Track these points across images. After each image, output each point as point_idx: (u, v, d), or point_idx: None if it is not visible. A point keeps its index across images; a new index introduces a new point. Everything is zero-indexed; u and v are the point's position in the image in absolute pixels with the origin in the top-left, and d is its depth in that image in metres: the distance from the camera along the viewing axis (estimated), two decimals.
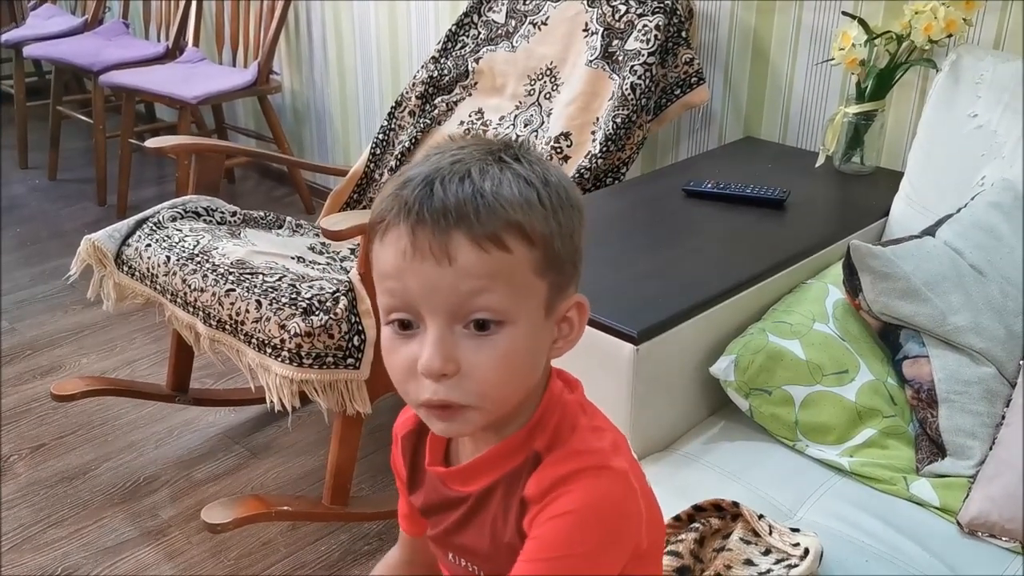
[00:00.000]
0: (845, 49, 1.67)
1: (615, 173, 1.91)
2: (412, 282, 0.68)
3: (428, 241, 0.67)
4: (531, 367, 0.73)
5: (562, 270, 0.72)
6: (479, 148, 0.72)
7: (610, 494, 0.72)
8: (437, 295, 0.68)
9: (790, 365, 1.29)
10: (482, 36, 2.20)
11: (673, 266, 1.43)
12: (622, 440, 0.78)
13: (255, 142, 3.48)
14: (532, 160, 0.72)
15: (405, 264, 0.68)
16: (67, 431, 2.10)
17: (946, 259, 1.34)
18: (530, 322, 0.70)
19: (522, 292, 0.69)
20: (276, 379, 1.54)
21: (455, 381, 0.69)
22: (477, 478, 0.77)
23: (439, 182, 0.68)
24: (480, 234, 0.66)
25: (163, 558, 1.73)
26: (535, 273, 0.69)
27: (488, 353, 0.69)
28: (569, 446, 0.74)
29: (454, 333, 0.69)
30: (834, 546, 1.09)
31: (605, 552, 0.71)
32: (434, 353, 0.68)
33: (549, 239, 0.69)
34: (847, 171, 1.78)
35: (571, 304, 0.74)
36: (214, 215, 1.96)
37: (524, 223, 0.68)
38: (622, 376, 1.24)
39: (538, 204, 0.69)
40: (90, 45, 3.42)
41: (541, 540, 0.71)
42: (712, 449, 1.30)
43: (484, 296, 0.67)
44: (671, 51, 1.93)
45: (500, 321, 0.69)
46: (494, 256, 0.67)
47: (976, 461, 1.21)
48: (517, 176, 0.69)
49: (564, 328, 0.75)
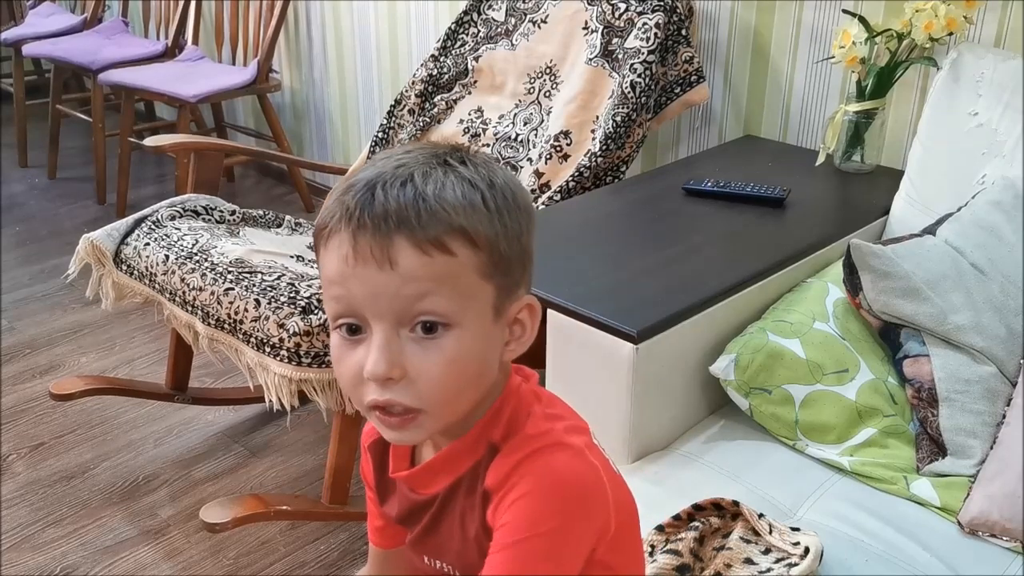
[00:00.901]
0: (845, 47, 1.67)
1: (615, 172, 1.91)
2: (356, 287, 0.68)
3: (369, 246, 0.66)
4: (480, 370, 0.72)
5: (509, 272, 0.71)
6: (424, 152, 0.71)
7: (568, 468, 0.72)
8: (381, 300, 0.68)
9: (790, 364, 1.29)
10: (482, 34, 2.20)
11: (673, 265, 1.43)
12: (583, 426, 0.78)
13: (254, 140, 3.47)
14: (478, 163, 0.71)
15: (348, 270, 0.68)
16: (66, 430, 2.10)
17: (947, 258, 1.34)
18: (477, 325, 0.70)
19: (467, 295, 0.69)
20: (275, 378, 1.54)
21: (402, 385, 0.69)
22: (438, 478, 0.77)
23: (380, 187, 0.68)
24: (422, 238, 0.66)
25: (162, 557, 1.73)
26: (481, 276, 0.69)
27: (435, 357, 0.68)
28: (522, 432, 0.74)
29: (400, 337, 0.68)
30: (834, 545, 1.09)
31: (573, 525, 0.71)
32: (379, 358, 0.68)
33: (494, 242, 0.69)
34: (847, 170, 1.77)
35: (521, 306, 0.74)
36: (213, 214, 1.95)
37: (467, 226, 0.67)
38: (622, 375, 1.24)
39: (482, 207, 0.69)
40: (89, 43, 3.42)
41: (507, 526, 0.71)
42: (712, 448, 1.30)
43: (428, 300, 0.67)
44: (671, 49, 1.93)
45: (446, 324, 0.68)
46: (437, 260, 0.67)
47: (977, 460, 1.21)
48: (461, 179, 0.69)
49: (516, 330, 0.75)
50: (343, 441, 1.66)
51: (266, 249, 1.79)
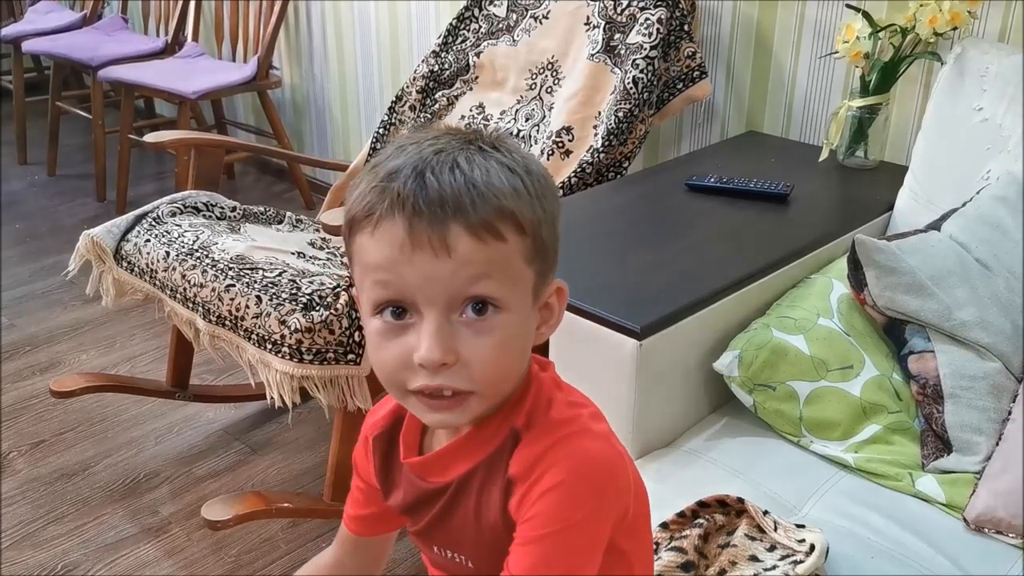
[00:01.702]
0: (849, 42, 1.66)
1: (617, 168, 1.90)
2: (409, 274, 0.67)
3: (427, 233, 0.66)
4: (523, 352, 0.74)
5: (546, 257, 0.73)
6: (455, 137, 0.71)
7: (597, 455, 0.73)
8: (435, 285, 0.67)
9: (794, 361, 1.28)
10: (483, 30, 2.19)
11: (676, 261, 1.42)
12: (601, 415, 0.78)
13: (255, 137, 3.47)
14: (510, 148, 0.72)
15: (401, 256, 0.67)
16: (67, 427, 2.09)
17: (951, 253, 1.33)
18: (521, 308, 0.71)
19: (515, 280, 0.70)
20: (276, 375, 1.53)
21: (455, 369, 0.69)
22: (455, 465, 0.77)
23: (430, 172, 0.67)
24: (476, 224, 0.66)
25: (163, 555, 1.73)
26: (525, 261, 0.70)
27: (485, 340, 0.69)
28: (547, 419, 0.74)
29: (451, 323, 0.68)
30: (839, 542, 1.08)
31: (600, 512, 0.71)
32: (433, 344, 0.67)
33: (537, 227, 0.70)
34: (851, 165, 1.77)
35: (552, 290, 0.75)
36: (214, 210, 1.95)
37: (516, 211, 0.68)
38: (625, 371, 1.23)
39: (525, 192, 0.69)
40: (89, 40, 3.41)
41: (536, 518, 0.70)
42: (716, 445, 1.29)
43: (481, 284, 0.68)
44: (673, 45, 1.92)
45: (497, 307, 0.69)
46: (491, 245, 0.67)
47: (982, 457, 1.20)
48: (502, 165, 0.69)
49: (545, 314, 0.76)
50: (345, 438, 1.65)
51: (267, 246, 1.79)
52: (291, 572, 1.68)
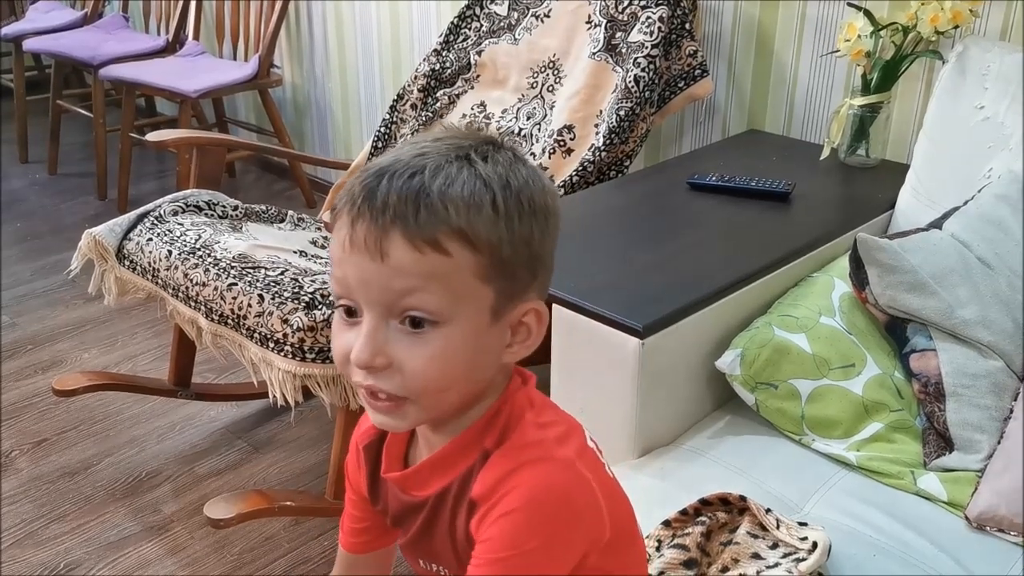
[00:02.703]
0: (851, 41, 1.66)
1: (619, 166, 1.90)
2: (350, 272, 0.68)
3: (364, 235, 0.66)
4: (468, 369, 0.71)
5: (513, 277, 0.70)
6: (451, 143, 0.70)
7: (555, 484, 0.71)
8: (370, 289, 0.68)
9: (796, 359, 1.29)
10: (484, 28, 2.19)
11: (678, 260, 1.42)
12: (576, 430, 0.77)
13: (256, 136, 3.47)
14: (500, 160, 0.69)
15: (345, 255, 0.68)
16: (68, 426, 2.10)
17: (953, 252, 1.33)
18: (469, 325, 0.69)
19: (460, 295, 0.68)
20: (279, 374, 1.54)
21: (387, 373, 0.69)
22: (432, 480, 0.76)
23: (388, 176, 0.67)
24: (416, 235, 0.66)
25: (166, 553, 1.73)
26: (479, 279, 0.68)
27: (419, 351, 0.68)
28: (511, 442, 0.73)
29: (388, 327, 0.68)
30: (841, 540, 1.08)
31: (557, 543, 0.70)
32: (364, 345, 0.68)
33: (496, 245, 0.68)
34: (852, 164, 1.77)
35: (526, 310, 0.72)
36: (216, 209, 1.95)
37: (466, 228, 0.66)
38: (627, 370, 1.23)
39: (489, 209, 0.67)
40: (90, 39, 3.41)
41: (490, 542, 0.70)
42: (718, 443, 1.29)
43: (416, 295, 0.67)
44: (675, 43, 1.92)
45: (434, 321, 0.68)
46: (429, 257, 0.66)
47: (984, 455, 1.21)
48: (476, 176, 0.67)
49: (520, 333, 0.73)
50: (347, 437, 1.64)
51: (269, 244, 1.79)
52: (293, 571, 1.69)
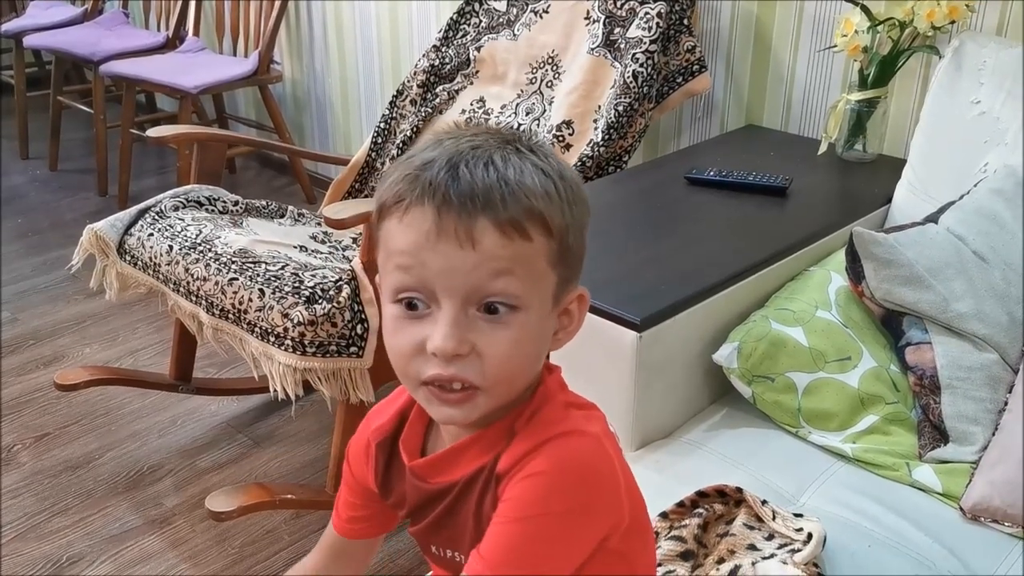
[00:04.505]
0: (848, 36, 1.67)
1: (617, 161, 1.91)
2: (432, 262, 0.68)
3: (454, 224, 0.67)
4: (537, 354, 0.74)
5: (570, 263, 0.73)
6: (494, 136, 0.72)
7: (584, 454, 0.72)
8: (456, 276, 0.68)
9: (793, 352, 1.29)
10: (483, 24, 2.20)
11: (675, 254, 1.43)
12: (600, 415, 0.78)
13: (256, 132, 3.47)
14: (547, 153, 0.73)
15: (427, 244, 0.68)
16: (70, 421, 2.11)
17: (949, 246, 1.34)
18: (540, 310, 0.71)
19: (537, 281, 0.70)
20: (279, 368, 1.55)
21: (468, 361, 0.69)
22: (460, 465, 0.77)
23: (464, 166, 0.68)
24: (504, 220, 0.67)
25: (167, 546, 1.74)
26: (549, 263, 0.71)
27: (501, 336, 0.69)
28: (538, 418, 0.74)
29: (467, 316, 0.69)
30: (837, 531, 1.09)
31: (584, 513, 0.70)
32: (449, 333, 0.68)
33: (565, 231, 0.71)
34: (849, 158, 1.77)
35: (573, 296, 0.75)
36: (216, 204, 1.96)
37: (545, 213, 0.69)
38: (625, 363, 1.24)
39: (556, 196, 0.70)
40: (90, 35, 3.41)
41: (513, 500, 0.70)
42: (715, 436, 1.30)
43: (503, 280, 0.68)
44: (673, 39, 1.93)
45: (513, 307, 0.69)
46: (516, 243, 0.68)
47: (978, 447, 1.21)
48: (536, 167, 0.70)
49: (564, 320, 0.76)
50: (347, 430, 1.66)
51: (270, 239, 1.80)
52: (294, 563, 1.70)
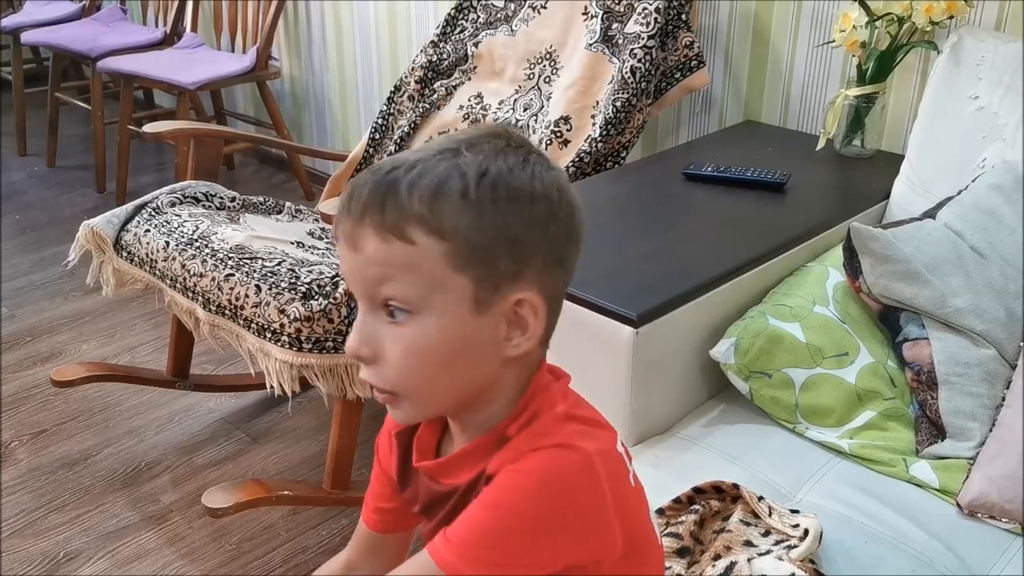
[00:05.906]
0: (846, 31, 1.67)
1: (615, 157, 1.91)
2: (342, 266, 0.72)
3: (350, 229, 0.70)
4: (451, 361, 0.71)
5: (492, 265, 0.69)
6: (461, 138, 0.71)
7: (563, 470, 0.69)
8: (354, 281, 0.71)
9: (790, 348, 1.29)
10: (481, 20, 2.19)
11: (673, 249, 1.43)
12: (606, 433, 0.75)
13: (254, 128, 3.47)
14: (487, 151, 0.69)
15: (339, 249, 0.72)
16: (68, 417, 2.10)
17: (946, 241, 1.34)
18: (448, 315, 0.69)
19: (432, 284, 0.68)
20: (276, 364, 1.54)
21: (375, 367, 0.71)
22: (465, 469, 0.77)
23: (369, 173, 0.70)
24: (382, 225, 0.68)
25: (164, 543, 1.74)
26: (451, 267, 0.68)
27: (397, 342, 0.70)
28: (531, 428, 0.73)
29: (376, 319, 0.71)
30: (834, 527, 1.09)
31: (549, 531, 0.69)
32: (353, 335, 0.71)
33: (464, 232, 0.67)
34: (848, 154, 1.77)
35: (516, 300, 0.70)
36: (213, 200, 1.95)
37: (427, 215, 0.67)
38: (622, 359, 1.24)
39: (457, 196, 0.67)
40: (88, 31, 3.41)
41: (489, 488, 0.70)
42: (712, 432, 1.30)
43: (388, 284, 0.69)
44: (671, 34, 1.93)
45: (409, 311, 0.69)
46: (395, 246, 0.68)
47: (976, 443, 1.21)
48: (451, 167, 0.68)
49: (519, 325, 0.72)
50: (344, 427, 1.66)
51: (266, 235, 1.79)
52: (291, 560, 1.70)
